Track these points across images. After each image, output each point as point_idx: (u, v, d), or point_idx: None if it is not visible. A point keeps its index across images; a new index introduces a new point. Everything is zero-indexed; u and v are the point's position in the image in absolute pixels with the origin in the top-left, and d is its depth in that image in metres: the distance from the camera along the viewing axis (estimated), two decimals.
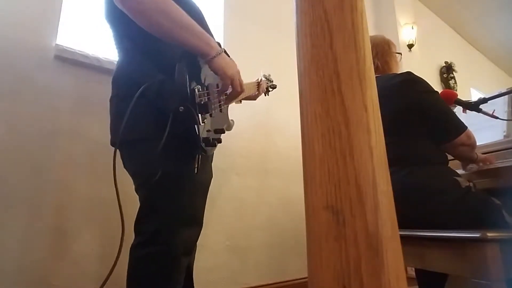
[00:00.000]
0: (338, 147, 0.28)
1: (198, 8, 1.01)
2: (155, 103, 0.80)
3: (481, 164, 1.16)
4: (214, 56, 0.82)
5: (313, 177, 0.29)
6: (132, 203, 0.87)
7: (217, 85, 0.90)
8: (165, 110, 0.77)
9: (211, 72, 0.86)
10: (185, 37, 0.80)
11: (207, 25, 0.99)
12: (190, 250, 0.87)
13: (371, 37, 1.31)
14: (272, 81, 1.39)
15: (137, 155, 0.85)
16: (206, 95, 0.83)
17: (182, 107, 0.75)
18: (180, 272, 0.82)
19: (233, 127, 1.06)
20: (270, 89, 1.39)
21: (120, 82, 0.91)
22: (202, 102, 0.80)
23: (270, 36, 2.15)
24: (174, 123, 0.76)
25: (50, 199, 1.17)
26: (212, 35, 0.93)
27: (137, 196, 0.87)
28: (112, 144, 0.89)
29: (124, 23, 0.85)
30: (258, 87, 1.27)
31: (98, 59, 1.36)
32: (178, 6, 0.80)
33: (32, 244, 1.11)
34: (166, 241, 0.80)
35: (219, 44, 0.89)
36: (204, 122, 0.82)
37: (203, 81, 0.86)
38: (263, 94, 1.33)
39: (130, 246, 0.83)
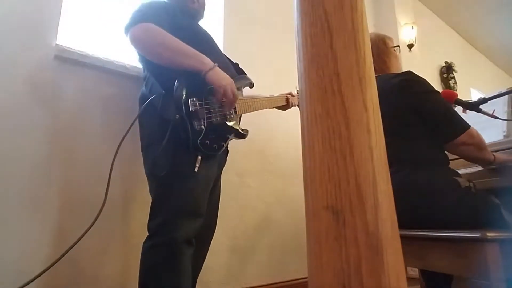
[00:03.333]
0: (338, 147, 0.28)
1: (205, 32, 1.20)
2: (159, 113, 0.95)
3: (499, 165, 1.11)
4: (207, 71, 0.98)
5: (313, 177, 0.29)
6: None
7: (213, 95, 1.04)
8: (167, 118, 0.94)
9: None
10: (181, 61, 0.97)
11: (215, 44, 1.20)
12: (191, 240, 0.96)
13: None
14: None
15: (148, 158, 1.02)
16: (204, 105, 0.99)
17: (178, 115, 0.92)
18: (184, 260, 0.91)
19: None
20: None
21: (142, 102, 1.07)
22: (193, 111, 0.95)
23: (270, 36, 2.14)
24: (173, 129, 0.92)
25: (50, 198, 1.17)
26: (220, 54, 1.19)
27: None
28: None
29: (146, 61, 1.07)
30: (287, 100, 1.45)
31: (98, 59, 1.36)
32: (172, 37, 0.98)
33: (32, 244, 1.11)
34: (169, 232, 0.89)
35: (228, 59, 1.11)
36: (201, 128, 0.96)
37: (206, 93, 1.01)
38: (294, 107, 1.49)
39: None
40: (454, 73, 3.92)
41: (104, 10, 1.53)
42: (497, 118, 1.22)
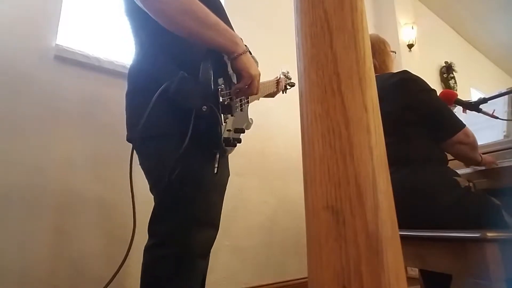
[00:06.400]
0: (338, 147, 0.28)
1: (219, 1, 0.97)
2: (175, 101, 0.75)
3: (484, 167, 1.14)
4: (240, 54, 0.80)
5: (313, 177, 0.29)
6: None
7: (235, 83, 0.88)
8: (187, 108, 0.74)
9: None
10: (210, 37, 0.76)
11: (227, 18, 0.96)
12: (207, 253, 0.84)
13: None
14: (291, 78, 1.35)
15: (155, 152, 0.80)
16: (228, 94, 0.82)
17: (205, 107, 0.73)
18: (196, 275, 0.79)
19: None
20: (288, 87, 1.35)
21: (136, 76, 0.86)
22: (225, 103, 0.79)
23: (270, 36, 2.15)
24: (196, 122, 0.74)
25: (50, 199, 1.17)
26: (232, 29, 0.90)
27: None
28: (129, 140, 0.86)
29: (141, 16, 0.81)
30: (277, 85, 1.26)
31: (98, 59, 1.36)
32: (201, 4, 0.76)
33: (32, 244, 1.11)
34: (183, 242, 0.76)
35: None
36: (225, 122, 0.81)
37: (229, 80, 0.85)
38: (281, 91, 1.30)
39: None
40: (454, 73, 3.92)
41: (104, 10, 1.53)
42: (497, 118, 1.22)
